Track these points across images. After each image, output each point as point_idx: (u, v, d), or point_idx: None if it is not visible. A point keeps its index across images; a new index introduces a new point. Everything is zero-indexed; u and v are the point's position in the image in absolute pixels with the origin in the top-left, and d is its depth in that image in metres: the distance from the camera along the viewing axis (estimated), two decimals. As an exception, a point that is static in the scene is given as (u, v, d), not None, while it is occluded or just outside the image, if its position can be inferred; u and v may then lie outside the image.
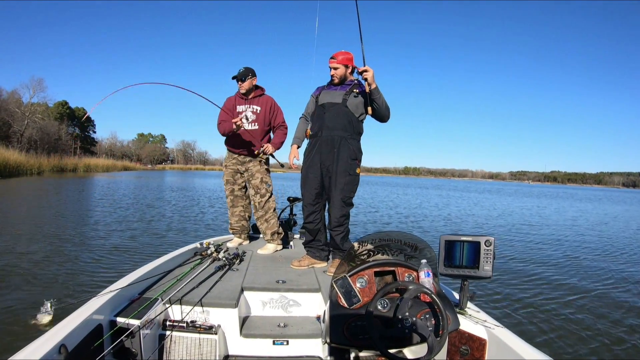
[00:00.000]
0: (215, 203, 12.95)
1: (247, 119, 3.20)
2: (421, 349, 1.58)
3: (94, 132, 67.95)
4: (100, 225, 7.76)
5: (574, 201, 27.79)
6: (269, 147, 3.20)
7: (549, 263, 6.21)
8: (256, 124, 3.21)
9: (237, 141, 3.25)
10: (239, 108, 3.23)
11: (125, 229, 7.29)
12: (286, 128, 3.33)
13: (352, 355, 1.90)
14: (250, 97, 3.24)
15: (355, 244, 1.80)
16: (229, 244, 3.34)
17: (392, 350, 1.54)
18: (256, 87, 3.27)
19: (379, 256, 1.82)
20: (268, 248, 3.24)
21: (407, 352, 1.85)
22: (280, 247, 3.34)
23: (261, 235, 3.46)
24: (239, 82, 3.18)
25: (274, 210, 3.36)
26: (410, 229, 9.07)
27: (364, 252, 1.81)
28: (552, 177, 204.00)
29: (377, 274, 1.76)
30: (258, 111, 3.22)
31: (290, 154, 2.91)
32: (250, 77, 3.18)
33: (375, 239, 1.82)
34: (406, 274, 1.77)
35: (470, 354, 1.71)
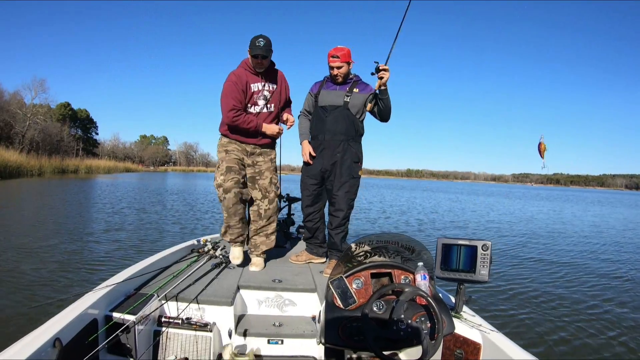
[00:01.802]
0: (213, 207, 12.77)
1: (265, 98, 2.55)
2: (416, 352, 1.58)
3: (97, 133, 66.97)
4: (96, 226, 7.76)
5: (586, 204, 27.76)
6: (290, 117, 2.68)
7: (547, 269, 6.18)
8: (272, 105, 2.59)
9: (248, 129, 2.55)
10: (254, 87, 2.51)
11: (112, 237, 7.18)
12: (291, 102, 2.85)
13: (347, 356, 1.89)
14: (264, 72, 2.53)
15: (353, 245, 1.81)
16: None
17: (386, 352, 1.54)
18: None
19: (376, 258, 1.83)
20: (259, 264, 2.62)
21: (402, 354, 1.84)
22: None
23: (249, 249, 2.77)
24: (260, 60, 2.41)
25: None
26: (426, 239, 8.60)
27: (361, 254, 1.82)
28: (555, 180, 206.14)
29: (373, 275, 1.77)
30: (274, 90, 2.59)
31: (304, 149, 2.76)
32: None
33: (372, 241, 1.82)
34: (403, 276, 1.77)
35: (464, 357, 1.71)
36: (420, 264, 1.74)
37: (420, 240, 1.87)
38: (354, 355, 1.83)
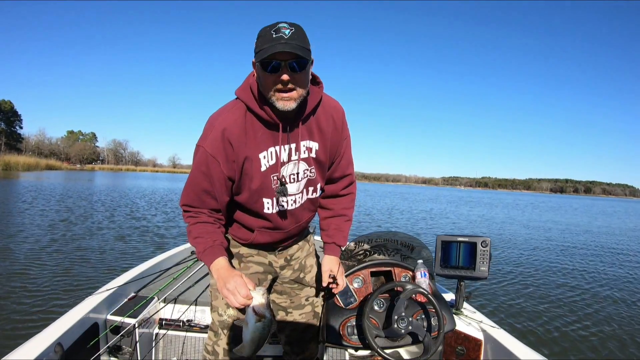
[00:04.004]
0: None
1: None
2: (417, 350, 1.58)
3: (21, 127, 61.96)
4: (93, 229, 7.75)
5: (543, 211, 25.53)
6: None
7: (545, 266, 6.21)
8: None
9: None
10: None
11: (112, 240, 7.24)
12: None
13: (348, 355, 1.90)
14: None
15: (352, 244, 1.80)
16: None
17: (388, 351, 1.54)
18: None
19: (376, 256, 1.82)
20: None
21: (403, 352, 1.84)
22: None
23: None
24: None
25: None
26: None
27: (361, 252, 1.81)
28: (484, 183, 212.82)
29: (373, 274, 1.77)
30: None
31: None
32: None
33: (371, 239, 1.82)
34: (402, 274, 1.77)
35: (466, 354, 1.71)
36: (420, 261, 1.74)
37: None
38: (355, 354, 1.83)
